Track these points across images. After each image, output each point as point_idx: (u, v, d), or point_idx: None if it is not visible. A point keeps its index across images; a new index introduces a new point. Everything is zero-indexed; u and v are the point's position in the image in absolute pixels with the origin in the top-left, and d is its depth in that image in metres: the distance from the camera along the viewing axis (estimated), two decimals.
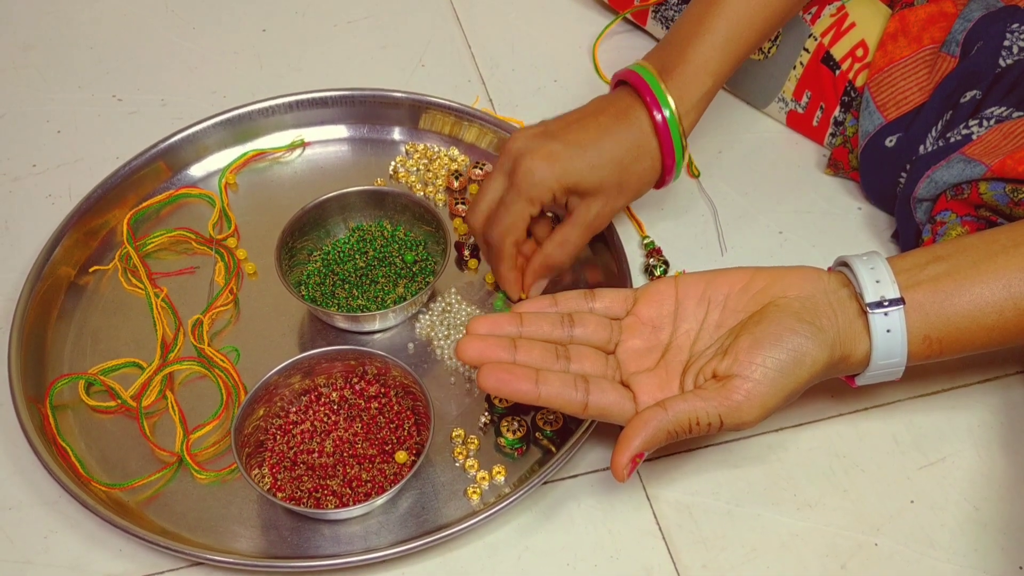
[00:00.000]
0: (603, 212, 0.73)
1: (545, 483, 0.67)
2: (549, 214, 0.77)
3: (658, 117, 0.72)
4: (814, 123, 0.86)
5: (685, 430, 0.61)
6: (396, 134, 0.87)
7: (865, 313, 0.62)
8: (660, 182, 0.76)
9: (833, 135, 0.85)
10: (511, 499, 0.65)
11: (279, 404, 0.69)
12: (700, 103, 0.75)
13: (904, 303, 0.62)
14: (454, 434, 0.70)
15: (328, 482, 0.66)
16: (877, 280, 0.62)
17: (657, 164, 0.74)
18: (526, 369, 0.62)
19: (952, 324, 0.62)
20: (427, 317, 0.76)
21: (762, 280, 0.64)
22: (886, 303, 0.62)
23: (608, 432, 0.70)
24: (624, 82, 0.75)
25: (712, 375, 0.62)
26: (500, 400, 0.70)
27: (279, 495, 0.65)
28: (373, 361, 0.69)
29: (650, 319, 0.66)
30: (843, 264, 0.65)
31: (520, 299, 0.74)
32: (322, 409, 0.69)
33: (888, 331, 0.62)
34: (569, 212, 0.73)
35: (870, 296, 0.62)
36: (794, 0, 0.77)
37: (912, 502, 0.67)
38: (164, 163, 0.84)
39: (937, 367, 0.72)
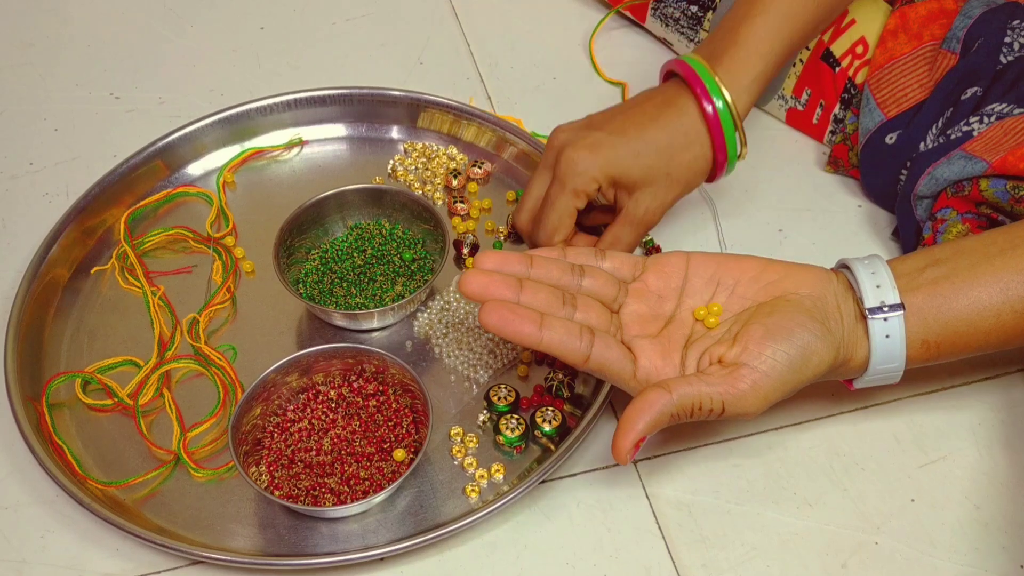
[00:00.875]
0: (652, 207, 0.71)
1: (544, 481, 0.67)
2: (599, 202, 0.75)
3: (708, 108, 0.70)
4: (814, 120, 0.86)
5: (687, 413, 0.60)
6: (395, 132, 0.87)
7: (864, 318, 0.62)
8: (712, 174, 0.74)
9: (833, 132, 0.85)
10: (509, 497, 0.64)
11: (277, 402, 0.69)
12: (753, 86, 0.72)
13: (904, 308, 0.61)
14: (452, 432, 0.70)
15: (326, 480, 0.66)
16: (877, 285, 0.62)
17: (707, 153, 0.72)
18: (530, 311, 0.61)
19: (950, 328, 0.62)
20: (425, 315, 0.76)
21: (774, 273, 0.64)
22: (886, 308, 0.61)
23: (608, 429, 0.70)
24: (673, 74, 0.74)
25: (719, 360, 0.61)
26: (500, 398, 0.70)
27: (276, 493, 0.65)
28: (371, 359, 0.69)
29: (657, 289, 0.65)
30: (844, 266, 0.65)
31: None
32: (320, 407, 0.69)
33: (887, 336, 0.62)
34: (618, 210, 0.72)
35: (870, 301, 0.62)
36: None
37: (913, 500, 0.67)
38: (162, 162, 0.84)
39: (938, 365, 0.71)
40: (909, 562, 0.65)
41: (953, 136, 0.75)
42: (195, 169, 0.85)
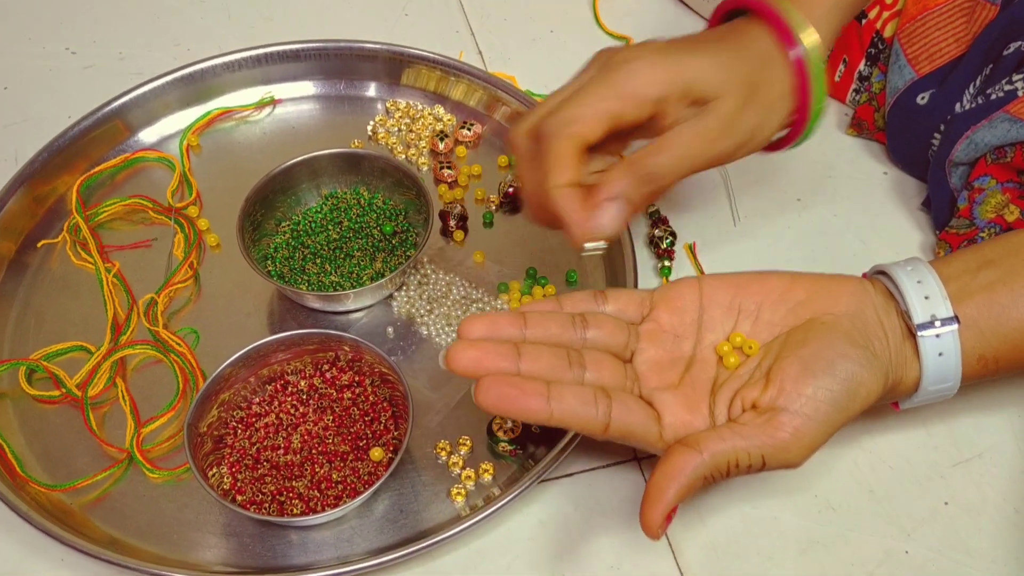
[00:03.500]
0: (739, 115, 0.57)
1: (540, 482, 0.60)
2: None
3: (792, 55, 0.58)
4: (836, 78, 0.79)
5: (723, 473, 0.52)
6: (375, 91, 0.80)
7: (913, 335, 0.54)
8: (789, 134, 0.62)
9: (857, 92, 0.79)
10: (500, 503, 0.58)
11: (242, 394, 0.62)
12: (832, 15, 0.60)
13: (958, 321, 0.54)
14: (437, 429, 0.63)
15: (293, 484, 0.59)
16: (926, 296, 0.54)
17: (788, 99, 0.59)
18: (534, 383, 0.52)
19: (1009, 341, 0.55)
20: (403, 293, 0.69)
21: (802, 290, 0.56)
22: (937, 323, 0.54)
23: None
24: (736, 12, 0.61)
25: (752, 405, 0.53)
26: (504, 430, 0.63)
27: (239, 499, 0.58)
28: (342, 345, 0.62)
29: (671, 327, 0.57)
30: (881, 272, 0.57)
31: (585, 246, 0.56)
32: (288, 400, 0.62)
33: (940, 355, 0.54)
34: (670, 130, 0.57)
35: (919, 316, 0.54)
36: None
37: (946, 504, 0.61)
38: (120, 123, 0.77)
39: None
40: (943, 573, 0.59)
41: (994, 96, 0.68)
42: (156, 132, 0.78)
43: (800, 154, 0.77)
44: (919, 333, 0.54)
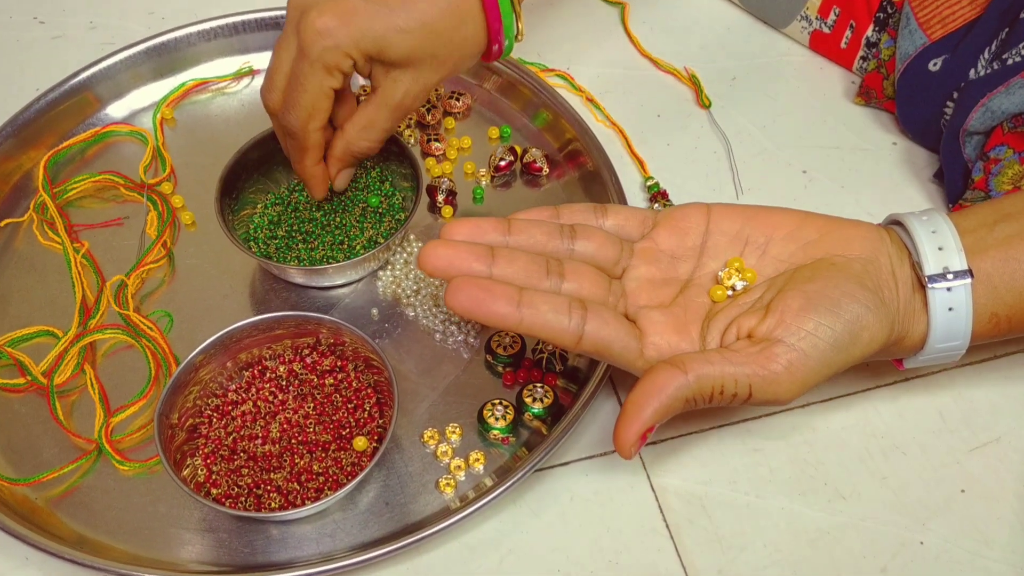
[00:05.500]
0: (412, 90, 0.60)
1: (533, 471, 0.57)
2: (358, 91, 0.65)
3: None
4: (842, 45, 0.75)
5: (706, 398, 0.50)
6: None
7: (923, 287, 0.51)
8: (488, 53, 0.62)
9: (865, 58, 0.75)
10: (493, 495, 0.54)
11: (217, 381, 0.58)
12: None
13: (972, 275, 0.51)
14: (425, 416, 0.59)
15: (272, 476, 0.55)
16: (940, 247, 0.51)
17: (481, 34, 0.61)
18: (505, 287, 0.50)
19: None
20: (388, 273, 0.65)
21: (814, 229, 0.53)
22: (950, 275, 0.51)
23: (607, 408, 0.60)
24: None
25: (747, 334, 0.51)
26: (502, 348, 0.59)
27: (214, 492, 0.55)
28: (320, 327, 0.58)
29: (670, 248, 0.55)
30: (896, 223, 0.54)
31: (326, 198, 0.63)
32: (267, 386, 0.59)
33: (950, 309, 0.52)
34: (374, 88, 0.61)
35: (931, 266, 0.51)
36: None
37: (963, 491, 0.58)
38: (90, 95, 0.74)
39: None
40: (959, 564, 0.55)
41: (1011, 61, 0.64)
42: (128, 104, 0.75)
43: (806, 124, 0.74)
44: (929, 285, 0.51)
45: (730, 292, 0.53)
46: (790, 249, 0.53)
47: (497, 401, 0.59)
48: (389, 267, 0.66)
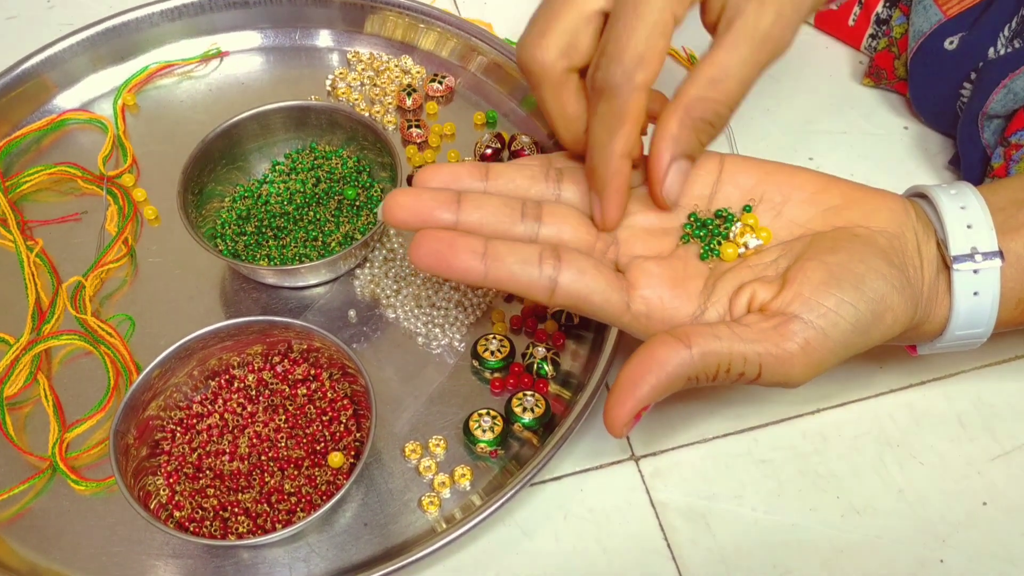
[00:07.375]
0: (786, 13, 0.46)
1: (525, 486, 0.53)
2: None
3: None
4: (850, 22, 0.72)
5: (709, 378, 0.45)
6: (334, 40, 0.72)
7: (948, 267, 0.47)
8: None
9: (874, 37, 0.71)
10: (481, 515, 0.50)
11: (181, 391, 0.54)
12: None
13: (1003, 257, 0.47)
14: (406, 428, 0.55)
15: (239, 497, 0.51)
16: (968, 224, 0.47)
17: None
18: (468, 238, 0.45)
19: None
20: (367, 271, 0.61)
21: (836, 195, 0.49)
22: (979, 256, 0.47)
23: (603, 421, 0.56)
24: None
25: (759, 307, 0.46)
26: (490, 353, 0.54)
27: (177, 514, 0.51)
28: (288, 332, 0.54)
29: None
30: (920, 195, 0.50)
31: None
32: (234, 397, 0.54)
33: (975, 294, 0.48)
34: (724, 24, 0.46)
35: (957, 247, 0.47)
36: None
37: (985, 504, 0.54)
38: (45, 80, 0.69)
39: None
40: None
41: None
42: (86, 90, 0.70)
43: (811, 107, 0.70)
44: (955, 266, 0.47)
45: (742, 250, 0.49)
46: (809, 213, 0.49)
47: (484, 411, 0.55)
48: (367, 265, 0.61)
